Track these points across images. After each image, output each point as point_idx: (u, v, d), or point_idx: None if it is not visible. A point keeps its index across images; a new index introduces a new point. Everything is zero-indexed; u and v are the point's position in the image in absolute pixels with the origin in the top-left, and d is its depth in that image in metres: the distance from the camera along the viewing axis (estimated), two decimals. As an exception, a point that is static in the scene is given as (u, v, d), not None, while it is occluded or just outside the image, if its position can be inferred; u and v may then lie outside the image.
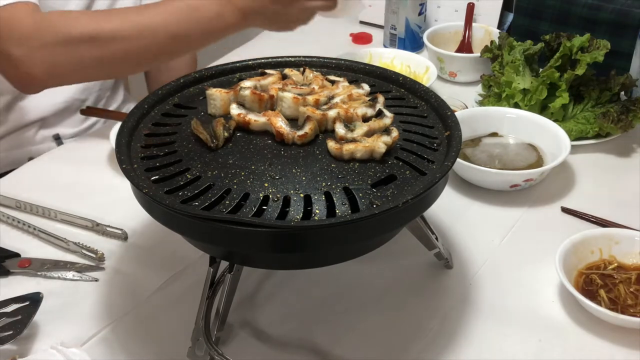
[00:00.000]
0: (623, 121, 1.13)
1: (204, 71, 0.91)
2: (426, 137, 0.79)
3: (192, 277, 0.90)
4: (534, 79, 1.20)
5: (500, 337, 0.82)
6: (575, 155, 1.13)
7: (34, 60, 1.03)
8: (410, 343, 0.82)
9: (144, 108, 0.83)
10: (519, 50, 1.24)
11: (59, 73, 1.06)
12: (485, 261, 0.94)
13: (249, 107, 0.80)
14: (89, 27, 1.05)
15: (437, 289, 0.90)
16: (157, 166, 0.74)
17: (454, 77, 1.39)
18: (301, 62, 0.93)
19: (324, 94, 0.81)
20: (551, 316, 0.85)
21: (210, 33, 1.08)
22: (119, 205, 1.02)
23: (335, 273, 0.88)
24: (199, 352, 0.75)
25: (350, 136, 0.75)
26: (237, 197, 0.69)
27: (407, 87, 0.89)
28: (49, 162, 1.17)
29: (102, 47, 1.04)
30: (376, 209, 0.67)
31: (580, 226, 0.99)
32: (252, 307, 0.87)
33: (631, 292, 0.86)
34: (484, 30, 1.47)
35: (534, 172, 1.03)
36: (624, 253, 0.90)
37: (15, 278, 0.91)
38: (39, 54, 1.03)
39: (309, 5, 1.10)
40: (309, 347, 0.81)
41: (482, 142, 1.13)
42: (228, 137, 0.76)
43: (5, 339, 0.78)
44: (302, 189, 0.70)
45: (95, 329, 0.84)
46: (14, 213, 1.02)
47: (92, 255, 0.93)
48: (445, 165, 0.73)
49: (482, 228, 1.00)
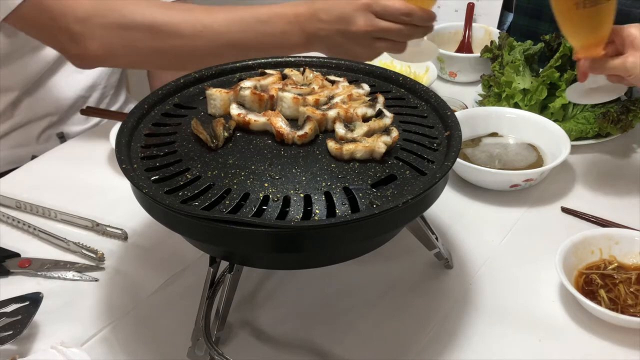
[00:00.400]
0: (623, 121, 1.13)
1: (204, 71, 0.91)
2: (426, 137, 0.79)
3: (192, 277, 0.90)
4: (534, 79, 1.20)
5: (500, 337, 0.82)
6: (575, 155, 1.13)
7: (93, 38, 1.05)
8: (410, 343, 0.82)
9: (144, 108, 0.83)
10: (519, 50, 1.24)
11: (115, 53, 1.08)
12: (485, 261, 0.93)
13: (249, 107, 0.80)
14: (150, 16, 1.05)
15: (437, 289, 0.90)
16: (157, 166, 0.74)
17: (454, 77, 1.39)
18: (301, 62, 0.93)
19: (324, 94, 0.81)
20: (551, 316, 0.85)
21: (270, 49, 1.05)
22: (119, 205, 1.02)
23: (335, 273, 0.88)
24: (199, 352, 0.75)
25: (350, 136, 0.75)
26: (237, 197, 0.69)
27: (407, 87, 0.89)
28: (49, 162, 1.17)
29: (159, 39, 1.05)
30: (376, 209, 0.67)
31: (580, 226, 0.99)
32: (252, 307, 0.87)
33: (631, 292, 0.86)
34: (484, 30, 1.47)
35: (534, 172, 1.03)
36: (624, 253, 0.90)
37: (15, 278, 0.91)
38: (98, 32, 1.05)
39: (375, 45, 1.04)
40: (309, 347, 0.81)
41: (482, 142, 1.13)
42: (228, 137, 0.76)
43: (5, 339, 0.78)
44: (302, 189, 0.70)
45: (95, 329, 0.84)
46: (14, 213, 1.02)
47: (92, 255, 0.93)
48: (445, 165, 0.73)
49: (482, 228, 1.00)
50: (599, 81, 1.01)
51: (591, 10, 0.91)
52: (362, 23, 1.01)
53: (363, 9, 1.00)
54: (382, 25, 1.01)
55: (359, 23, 1.01)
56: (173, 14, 1.06)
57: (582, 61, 0.97)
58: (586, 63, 0.97)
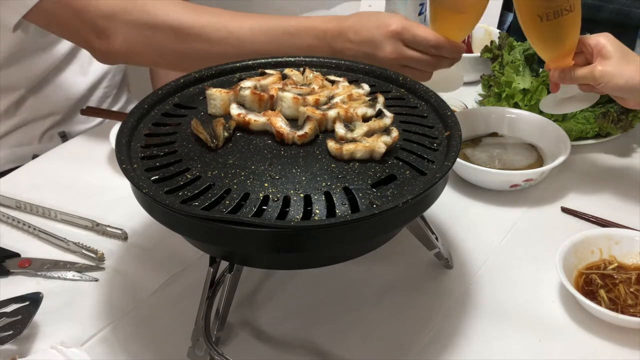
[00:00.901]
0: (623, 121, 1.13)
1: (204, 71, 0.91)
2: (426, 137, 0.79)
3: (192, 277, 0.90)
4: (534, 79, 1.20)
5: (500, 337, 0.82)
6: (575, 155, 1.13)
7: (117, 34, 1.05)
8: (410, 343, 0.82)
9: (144, 108, 0.83)
10: (519, 50, 1.24)
11: (137, 52, 1.07)
12: (485, 261, 0.93)
13: (249, 107, 0.80)
14: (175, 17, 1.04)
15: (437, 289, 0.90)
16: (157, 166, 0.74)
17: (454, 77, 1.39)
18: (301, 62, 0.93)
19: (324, 94, 0.81)
20: (551, 316, 0.85)
21: None
22: (119, 205, 1.02)
23: (335, 273, 0.88)
24: (199, 352, 0.75)
25: (350, 136, 0.75)
26: (237, 197, 0.69)
27: (407, 87, 0.89)
28: (49, 162, 1.17)
29: (184, 42, 1.04)
30: (376, 209, 0.67)
31: (580, 226, 0.99)
32: (252, 307, 0.87)
33: (631, 292, 0.86)
34: (484, 30, 1.47)
35: (534, 172, 1.03)
36: (624, 253, 0.90)
37: (15, 278, 0.91)
38: (122, 29, 1.04)
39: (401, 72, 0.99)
40: (309, 347, 0.81)
41: (482, 142, 1.13)
42: (228, 137, 0.76)
43: (5, 339, 0.78)
44: (302, 189, 0.70)
45: (95, 329, 0.84)
46: (14, 213, 1.02)
47: (92, 255, 0.93)
48: (445, 165, 0.73)
49: (482, 228, 1.00)
50: (571, 91, 1.03)
51: (554, 22, 0.92)
52: (390, 50, 1.00)
53: (393, 36, 1.00)
54: (409, 54, 1.00)
55: (387, 50, 1.00)
56: (199, 16, 1.04)
57: (553, 72, 0.99)
58: (556, 74, 0.98)
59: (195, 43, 1.04)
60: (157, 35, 1.04)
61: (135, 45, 1.06)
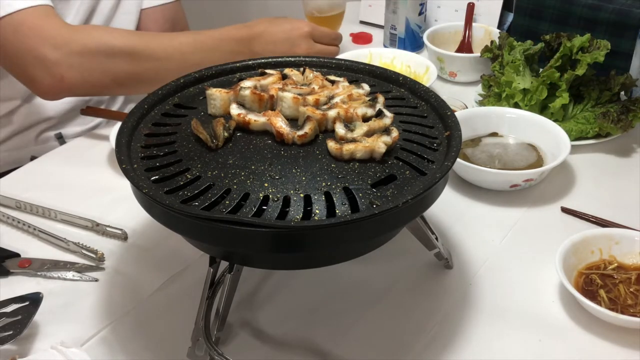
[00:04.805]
0: (623, 121, 1.13)
1: (204, 71, 0.91)
2: (426, 137, 0.79)
3: (192, 277, 0.90)
4: (534, 79, 1.20)
5: (500, 337, 0.82)
6: (575, 155, 1.13)
7: (71, 65, 1.08)
8: (410, 343, 0.82)
9: (144, 108, 0.83)
10: (519, 50, 1.24)
11: (92, 81, 1.11)
12: (485, 261, 0.94)
13: (249, 107, 0.80)
14: (129, 42, 1.13)
15: (437, 289, 0.90)
16: (157, 166, 0.74)
17: (454, 77, 1.39)
18: (301, 62, 0.93)
19: (324, 94, 0.81)
20: (551, 316, 0.85)
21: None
22: (119, 205, 1.02)
23: (335, 273, 0.88)
24: (199, 352, 0.75)
25: (350, 136, 0.75)
26: (237, 197, 0.69)
27: (407, 87, 0.89)
28: (49, 162, 1.17)
29: (138, 64, 1.12)
30: (376, 209, 0.67)
31: (580, 226, 0.99)
32: (252, 307, 0.87)
33: (631, 292, 0.86)
34: (484, 30, 1.47)
35: (534, 172, 1.03)
36: (624, 253, 0.90)
37: (15, 278, 0.91)
38: (77, 60, 1.08)
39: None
40: (309, 347, 0.81)
41: (482, 142, 1.13)
42: (228, 137, 0.76)
43: (5, 339, 0.78)
44: (302, 189, 0.70)
45: (95, 329, 0.84)
46: (14, 213, 1.02)
47: (92, 255, 0.93)
48: (445, 165, 0.73)
49: (482, 228, 1.00)
50: None
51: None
52: (305, 47, 1.28)
53: (306, 36, 1.29)
54: (319, 47, 1.31)
55: (303, 47, 1.28)
56: (147, 39, 1.17)
57: None
58: None
59: (148, 62, 1.13)
60: (113, 60, 1.11)
61: (90, 74, 1.10)
